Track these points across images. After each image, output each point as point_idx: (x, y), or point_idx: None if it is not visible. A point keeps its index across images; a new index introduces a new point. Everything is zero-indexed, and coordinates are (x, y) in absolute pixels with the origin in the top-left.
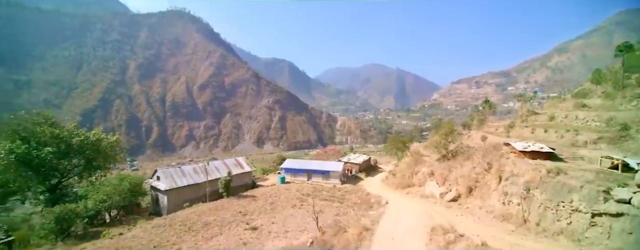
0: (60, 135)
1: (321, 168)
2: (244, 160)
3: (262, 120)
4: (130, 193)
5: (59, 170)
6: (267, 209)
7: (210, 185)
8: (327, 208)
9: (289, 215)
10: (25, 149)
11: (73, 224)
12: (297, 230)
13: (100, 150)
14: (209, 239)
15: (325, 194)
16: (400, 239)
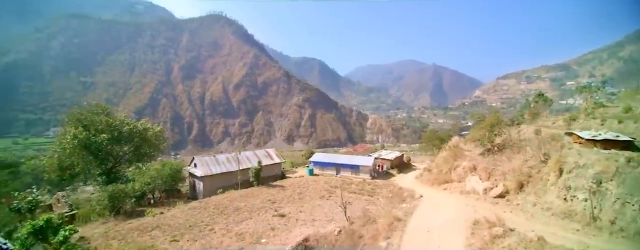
0: (114, 124)
1: (350, 162)
2: (273, 152)
3: (292, 118)
4: (170, 178)
5: (113, 156)
6: (295, 198)
7: (241, 174)
8: (356, 200)
9: (317, 205)
10: (86, 135)
11: (123, 202)
12: (324, 219)
13: (146, 138)
14: (239, 222)
15: (354, 187)
16: (437, 231)
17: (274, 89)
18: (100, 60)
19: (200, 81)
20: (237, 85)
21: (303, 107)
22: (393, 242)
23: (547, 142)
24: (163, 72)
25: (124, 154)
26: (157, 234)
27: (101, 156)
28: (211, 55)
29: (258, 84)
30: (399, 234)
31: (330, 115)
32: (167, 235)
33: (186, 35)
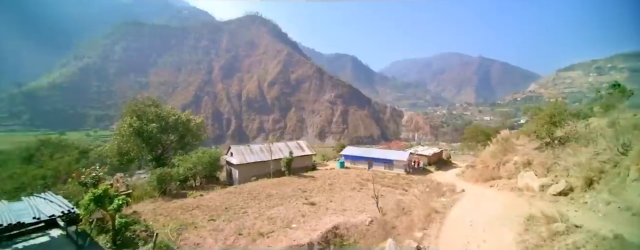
0: (162, 114)
1: (384, 156)
2: (304, 144)
3: (324, 115)
4: (209, 165)
5: (161, 143)
6: (326, 188)
7: (273, 164)
8: (389, 194)
9: (348, 197)
10: (139, 124)
11: (169, 184)
12: (355, 210)
13: (189, 128)
14: (271, 208)
15: (388, 181)
16: (482, 225)
17: (306, 85)
18: (152, 62)
19: (237, 79)
20: (272, 82)
21: (335, 104)
22: (430, 233)
23: (628, 132)
24: (205, 71)
25: (170, 143)
26: (197, 213)
27: (152, 143)
28: (248, 55)
29: (291, 81)
30: (437, 226)
31: (362, 112)
32: (205, 215)
33: (226, 36)
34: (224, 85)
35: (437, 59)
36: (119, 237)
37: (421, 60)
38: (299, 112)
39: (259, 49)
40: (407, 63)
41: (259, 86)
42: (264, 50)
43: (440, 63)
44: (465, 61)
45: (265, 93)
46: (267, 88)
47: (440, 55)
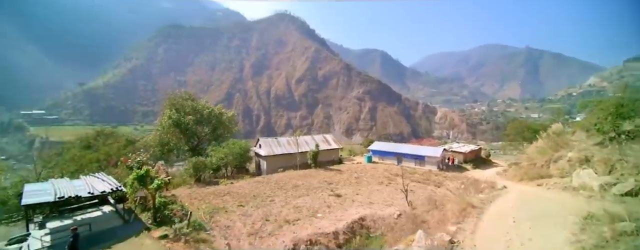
0: (197, 107)
1: (414, 152)
2: (331, 138)
3: (351, 111)
4: (239, 156)
5: (197, 135)
6: (352, 182)
7: (300, 156)
8: (420, 189)
9: (375, 190)
10: (177, 117)
11: (203, 172)
12: (382, 203)
13: (221, 121)
14: (297, 197)
15: (418, 176)
16: (528, 223)
17: (334, 82)
18: (190, 61)
19: (266, 77)
20: (299, 79)
21: (363, 100)
22: (464, 227)
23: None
24: (237, 69)
25: (204, 135)
26: (227, 199)
27: (188, 134)
28: (277, 52)
29: (318, 77)
30: (473, 221)
31: (392, 109)
32: (235, 201)
33: (256, 35)
34: (253, 82)
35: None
36: (159, 215)
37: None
38: (326, 109)
39: (287, 47)
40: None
41: (287, 83)
42: (292, 47)
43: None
44: (509, 53)
45: (293, 90)
46: (295, 85)
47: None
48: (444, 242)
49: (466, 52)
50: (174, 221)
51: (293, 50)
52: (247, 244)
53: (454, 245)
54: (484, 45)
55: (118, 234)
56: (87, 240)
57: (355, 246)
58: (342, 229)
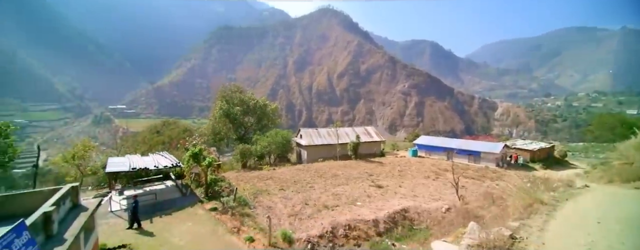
0: (244, 99)
1: (468, 147)
2: (373, 130)
3: (396, 107)
4: (281, 145)
5: (243, 125)
6: (395, 174)
7: (340, 148)
8: (473, 186)
9: (420, 184)
10: (227, 107)
11: (248, 158)
12: (428, 197)
13: (265, 112)
14: (336, 186)
15: (472, 173)
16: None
17: (377, 76)
18: (239, 60)
19: (309, 72)
20: (341, 74)
21: (409, 95)
22: (530, 224)
23: None
24: (281, 66)
25: (250, 125)
26: (270, 182)
27: (236, 124)
28: (319, 48)
29: (361, 72)
30: (542, 218)
31: (442, 104)
32: (277, 185)
33: (299, 32)
34: (296, 78)
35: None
36: (210, 190)
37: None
38: (368, 104)
39: (329, 42)
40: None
41: (329, 78)
42: (334, 42)
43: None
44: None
45: (334, 85)
46: (337, 80)
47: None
48: (503, 236)
49: (536, 38)
50: (222, 196)
51: (335, 45)
52: (287, 224)
53: (516, 241)
54: (562, 29)
55: (177, 204)
56: (153, 206)
57: (397, 236)
58: (382, 218)
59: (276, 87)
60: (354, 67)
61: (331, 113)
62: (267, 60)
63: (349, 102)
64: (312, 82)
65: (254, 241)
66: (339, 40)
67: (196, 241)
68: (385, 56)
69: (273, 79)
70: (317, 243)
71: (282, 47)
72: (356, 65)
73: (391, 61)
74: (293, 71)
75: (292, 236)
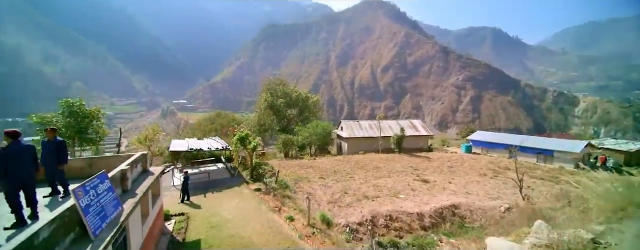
0: (287, 91)
1: (538, 146)
2: (419, 124)
3: (447, 102)
4: (322, 137)
5: (286, 117)
6: (444, 170)
7: (383, 141)
8: (543, 187)
9: (474, 182)
10: (271, 100)
11: (290, 148)
12: (484, 195)
13: (307, 105)
14: (378, 178)
15: (542, 173)
16: None
17: (426, 68)
18: (284, 57)
19: (351, 67)
20: (386, 68)
21: (463, 88)
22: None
23: None
24: (324, 61)
25: (293, 117)
26: (310, 171)
27: (280, 116)
28: (363, 41)
29: (408, 64)
30: None
31: (504, 98)
32: (317, 173)
33: (342, 26)
34: (338, 73)
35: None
36: (255, 173)
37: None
38: (415, 99)
39: (374, 34)
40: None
41: (372, 72)
42: (379, 34)
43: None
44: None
45: (378, 79)
46: (381, 74)
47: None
48: (582, 239)
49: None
50: (266, 179)
51: (380, 37)
52: (327, 210)
53: (599, 246)
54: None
55: (226, 183)
56: (206, 184)
57: (445, 232)
58: (428, 213)
59: (318, 83)
60: (400, 60)
61: (374, 108)
62: (310, 56)
63: (394, 97)
64: (355, 77)
65: (294, 221)
66: (384, 32)
67: (242, 215)
68: (436, 47)
69: (315, 74)
70: (356, 230)
71: (325, 42)
72: (403, 58)
73: (443, 52)
74: (335, 66)
75: (331, 220)
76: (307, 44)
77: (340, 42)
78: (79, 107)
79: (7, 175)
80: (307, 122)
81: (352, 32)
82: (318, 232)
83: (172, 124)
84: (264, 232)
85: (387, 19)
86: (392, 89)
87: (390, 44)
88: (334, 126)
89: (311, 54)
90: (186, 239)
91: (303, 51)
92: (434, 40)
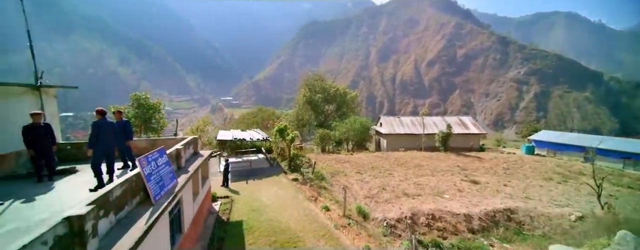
0: (325, 86)
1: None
2: (470, 121)
3: (504, 98)
4: (360, 132)
5: (324, 112)
6: (498, 172)
7: (426, 138)
8: (631, 197)
9: (535, 185)
10: (309, 95)
11: (327, 143)
12: (548, 201)
13: (345, 100)
14: (420, 176)
15: (629, 180)
16: None
17: (480, 61)
18: (322, 53)
19: (393, 62)
20: (431, 62)
21: (526, 83)
22: None
23: None
24: (363, 57)
25: (330, 112)
26: (347, 166)
27: (317, 111)
28: (406, 35)
29: (457, 58)
30: None
31: (579, 94)
32: (353, 168)
33: (384, 19)
34: (379, 69)
35: None
36: (292, 163)
37: None
38: (466, 95)
39: (419, 26)
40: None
41: (416, 67)
42: (425, 26)
43: None
44: None
45: (422, 74)
46: (425, 68)
47: None
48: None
49: None
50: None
51: (425, 29)
52: (363, 204)
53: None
54: None
55: (265, 172)
56: (248, 171)
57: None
58: (478, 215)
59: (357, 79)
60: (448, 53)
61: (417, 105)
62: (349, 52)
63: (440, 93)
64: (396, 72)
65: (329, 210)
66: (430, 23)
67: (280, 202)
68: (492, 37)
69: (354, 70)
70: (394, 226)
71: (365, 36)
72: (451, 51)
73: (501, 42)
74: (375, 61)
75: (367, 212)
76: (346, 40)
77: (382, 36)
78: (144, 100)
79: (98, 143)
80: (345, 117)
81: (394, 25)
82: (353, 223)
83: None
84: (300, 219)
85: (434, 9)
86: (438, 85)
87: (437, 36)
88: (373, 122)
89: (350, 50)
90: (230, 219)
91: (342, 47)
92: (490, 30)
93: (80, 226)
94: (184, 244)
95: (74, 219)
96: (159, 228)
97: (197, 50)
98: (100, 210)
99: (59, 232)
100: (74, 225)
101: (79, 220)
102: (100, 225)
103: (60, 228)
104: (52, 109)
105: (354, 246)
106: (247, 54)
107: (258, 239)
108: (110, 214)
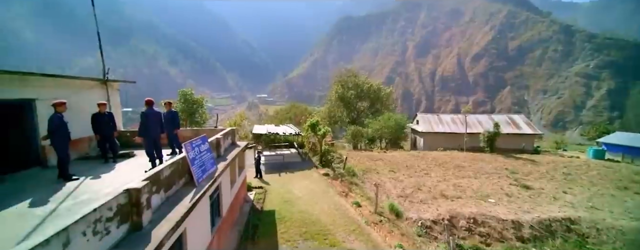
0: (358, 83)
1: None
2: (522, 119)
3: (567, 95)
4: (394, 130)
5: (356, 109)
6: (556, 177)
7: (468, 138)
8: None
9: (606, 194)
10: (342, 91)
11: (359, 140)
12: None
13: (379, 97)
14: (460, 178)
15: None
16: None
17: (537, 54)
18: (356, 49)
19: (432, 57)
20: (477, 55)
21: (596, 78)
22: None
23: None
24: (399, 52)
25: (363, 109)
26: (379, 163)
27: (350, 108)
28: (448, 27)
29: (508, 50)
30: None
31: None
32: (387, 166)
33: (423, 11)
34: (416, 64)
35: None
36: (323, 159)
37: None
38: (518, 92)
39: (463, 17)
40: None
41: (459, 62)
42: (471, 17)
43: None
44: None
45: (466, 69)
46: (470, 63)
47: None
48: None
49: None
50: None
51: (471, 20)
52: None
53: None
54: None
55: (297, 166)
56: (281, 165)
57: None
58: (529, 222)
59: (392, 75)
60: (498, 46)
61: (459, 103)
62: (384, 47)
63: (487, 90)
64: (436, 68)
65: (361, 206)
66: (477, 13)
67: (311, 195)
68: (553, 26)
69: (389, 66)
70: (429, 227)
71: (402, 31)
72: (502, 43)
73: (564, 31)
74: (412, 56)
75: (400, 211)
76: (381, 35)
77: (420, 29)
78: (190, 95)
79: (147, 131)
80: (378, 114)
81: (435, 17)
82: (385, 221)
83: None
84: (331, 213)
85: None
86: (484, 81)
87: (485, 27)
88: (409, 120)
89: (385, 45)
90: (263, 208)
91: (377, 43)
92: (551, 18)
93: (137, 198)
94: (223, 227)
95: (132, 191)
96: (201, 208)
97: (236, 50)
98: (153, 186)
99: (120, 201)
100: (132, 196)
101: (137, 192)
102: (153, 200)
103: (121, 198)
104: (116, 101)
105: (385, 243)
106: (282, 53)
107: (289, 229)
108: (161, 190)
